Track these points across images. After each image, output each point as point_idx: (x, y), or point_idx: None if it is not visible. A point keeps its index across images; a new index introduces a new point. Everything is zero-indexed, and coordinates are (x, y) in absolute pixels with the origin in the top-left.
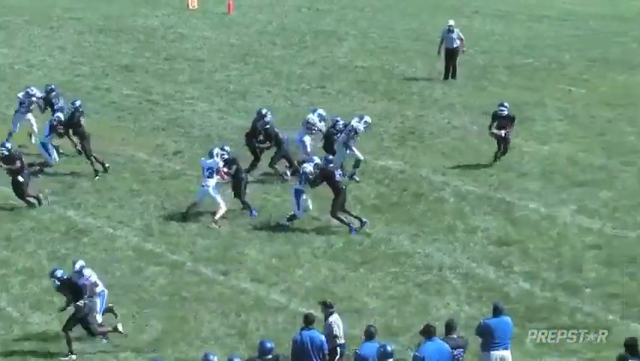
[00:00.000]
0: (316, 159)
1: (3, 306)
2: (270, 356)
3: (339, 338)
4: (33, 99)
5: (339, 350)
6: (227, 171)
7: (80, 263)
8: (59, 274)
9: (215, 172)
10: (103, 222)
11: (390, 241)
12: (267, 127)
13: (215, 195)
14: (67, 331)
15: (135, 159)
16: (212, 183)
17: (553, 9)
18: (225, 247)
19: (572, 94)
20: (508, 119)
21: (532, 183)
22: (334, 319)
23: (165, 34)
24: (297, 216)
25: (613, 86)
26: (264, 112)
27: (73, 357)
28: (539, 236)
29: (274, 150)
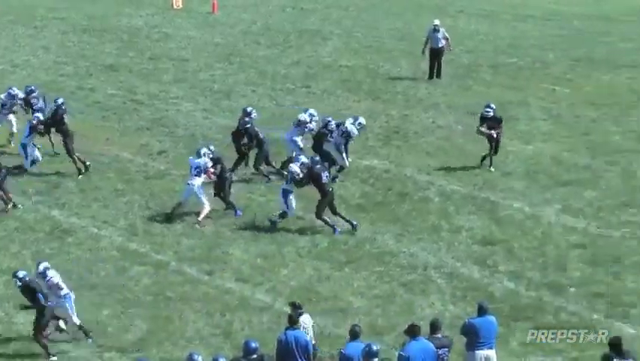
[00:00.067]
0: (302, 158)
1: None
2: (255, 356)
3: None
4: (16, 100)
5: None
6: (213, 171)
7: (44, 265)
8: (21, 275)
9: (203, 172)
10: (87, 222)
11: (375, 240)
12: (248, 126)
13: (200, 194)
14: (38, 339)
15: (120, 159)
16: (198, 183)
17: (537, 9)
18: (210, 247)
19: (556, 93)
20: (495, 121)
21: (517, 183)
22: (303, 319)
23: (149, 33)
24: (289, 214)
25: (597, 85)
26: (249, 110)
27: (53, 359)
28: (524, 235)
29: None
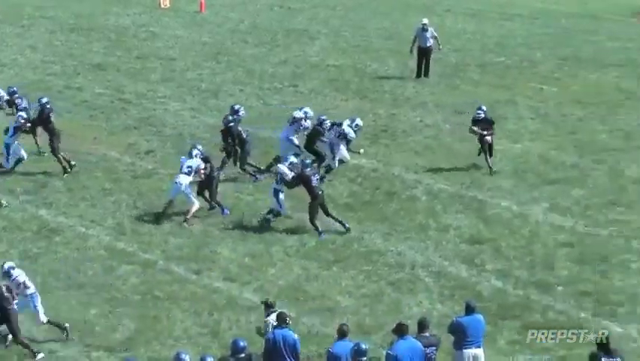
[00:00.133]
0: (291, 158)
1: None
2: (243, 355)
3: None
4: (2, 101)
5: None
6: (203, 171)
7: (9, 264)
8: None
9: (195, 172)
10: (75, 221)
11: (363, 239)
12: (231, 125)
13: (189, 192)
14: (19, 341)
15: (107, 158)
16: (185, 181)
17: (524, 7)
18: (198, 246)
19: (543, 92)
20: (487, 122)
21: (505, 182)
22: (271, 318)
23: (137, 32)
24: (282, 213)
25: (584, 84)
26: (236, 108)
27: (40, 355)
28: (511, 234)
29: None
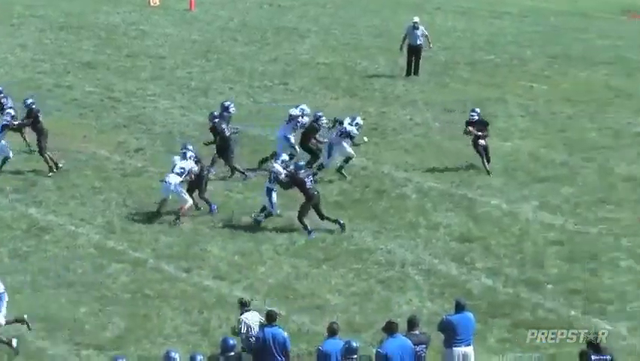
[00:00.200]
0: (284, 156)
1: None
2: (233, 353)
3: (242, 334)
4: None
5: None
6: (195, 171)
7: None
8: None
9: (187, 173)
10: (65, 219)
11: (353, 237)
12: (215, 121)
13: (180, 191)
14: None
15: (97, 157)
16: (175, 180)
17: (514, 5)
18: (188, 244)
19: (533, 90)
20: (481, 124)
21: (494, 180)
22: (244, 317)
23: (127, 31)
24: (272, 213)
25: (574, 82)
26: (226, 104)
27: (14, 341)
28: (501, 232)
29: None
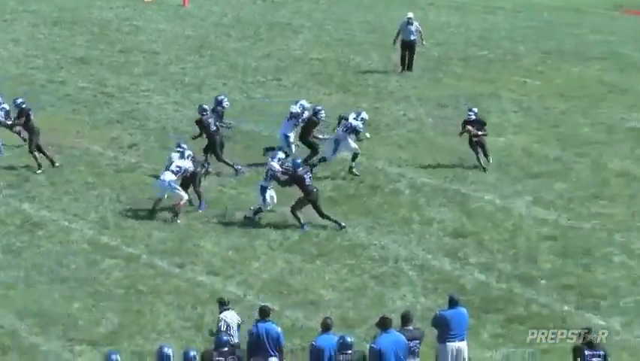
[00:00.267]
0: (280, 154)
1: None
2: (226, 349)
3: (221, 332)
4: None
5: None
6: (190, 171)
7: None
8: None
9: (182, 172)
10: (58, 215)
11: (347, 233)
12: (203, 115)
13: (174, 187)
14: None
15: (90, 152)
16: (170, 178)
17: (508, 1)
18: (181, 240)
19: (526, 86)
20: (478, 123)
21: (488, 175)
22: (224, 315)
23: (120, 26)
24: (263, 210)
25: (567, 77)
26: (219, 98)
27: None
28: (495, 228)
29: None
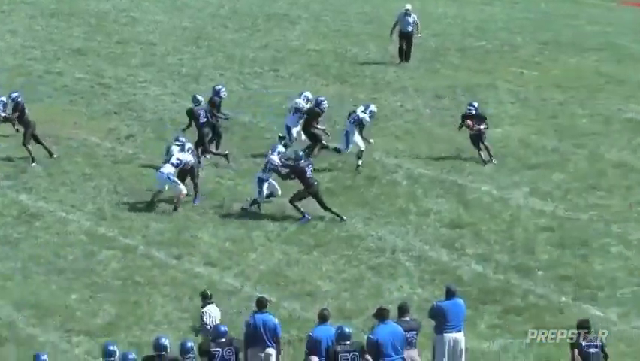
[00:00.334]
0: (279, 147)
1: None
2: (224, 340)
3: (207, 325)
4: None
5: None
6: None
7: None
8: None
9: (182, 165)
10: (55, 206)
11: (344, 224)
12: (195, 106)
13: (173, 179)
14: None
15: (87, 143)
16: (169, 170)
17: None
18: (178, 231)
19: (523, 77)
20: (479, 118)
21: (485, 166)
22: (207, 309)
23: (117, 17)
24: (258, 201)
25: (564, 68)
26: (217, 88)
27: None
28: (492, 218)
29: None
